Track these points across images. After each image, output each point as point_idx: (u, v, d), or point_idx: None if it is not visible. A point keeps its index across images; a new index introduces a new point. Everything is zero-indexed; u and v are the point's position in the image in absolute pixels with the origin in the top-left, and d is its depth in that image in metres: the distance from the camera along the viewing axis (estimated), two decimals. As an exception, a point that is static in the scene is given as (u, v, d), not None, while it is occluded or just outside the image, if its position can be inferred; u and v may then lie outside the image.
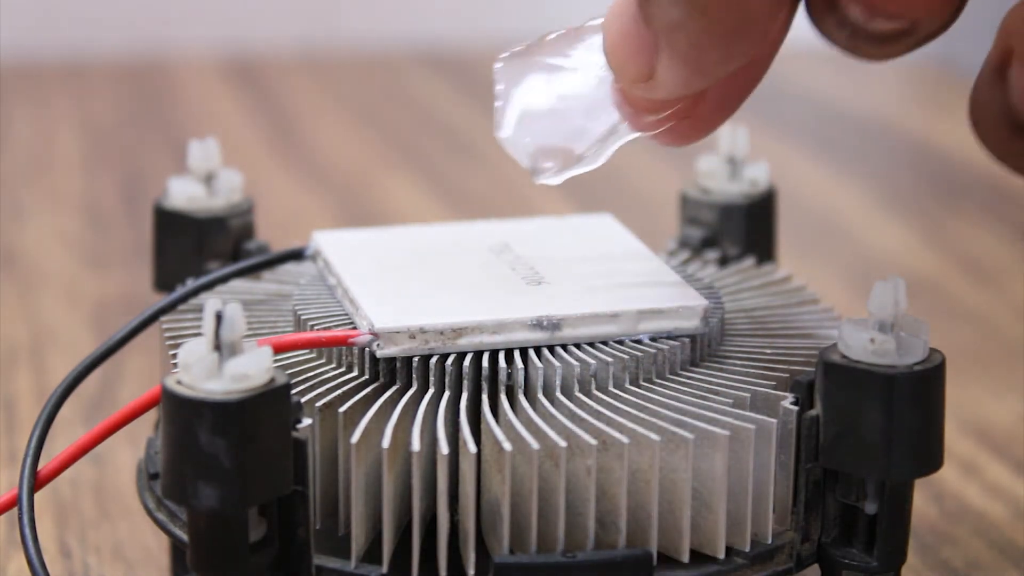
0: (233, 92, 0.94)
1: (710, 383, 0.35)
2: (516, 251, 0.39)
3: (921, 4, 0.30)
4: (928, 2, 0.30)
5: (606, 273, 0.37)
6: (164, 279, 0.41)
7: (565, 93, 0.33)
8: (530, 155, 0.33)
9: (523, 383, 0.34)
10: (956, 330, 0.58)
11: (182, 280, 0.40)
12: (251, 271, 0.40)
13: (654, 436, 0.32)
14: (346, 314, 0.36)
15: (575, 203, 0.70)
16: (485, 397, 0.34)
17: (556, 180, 0.33)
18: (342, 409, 0.33)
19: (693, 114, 0.33)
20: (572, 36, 0.33)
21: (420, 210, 0.73)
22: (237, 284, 0.39)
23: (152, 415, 0.40)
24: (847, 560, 0.34)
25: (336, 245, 0.39)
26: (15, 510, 0.34)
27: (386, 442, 0.32)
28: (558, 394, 0.34)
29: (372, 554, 0.33)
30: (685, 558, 0.33)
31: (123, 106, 0.91)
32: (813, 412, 0.34)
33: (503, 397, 0.34)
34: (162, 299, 0.39)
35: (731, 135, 0.43)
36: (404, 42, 1.04)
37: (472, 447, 0.32)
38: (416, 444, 0.32)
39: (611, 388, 0.34)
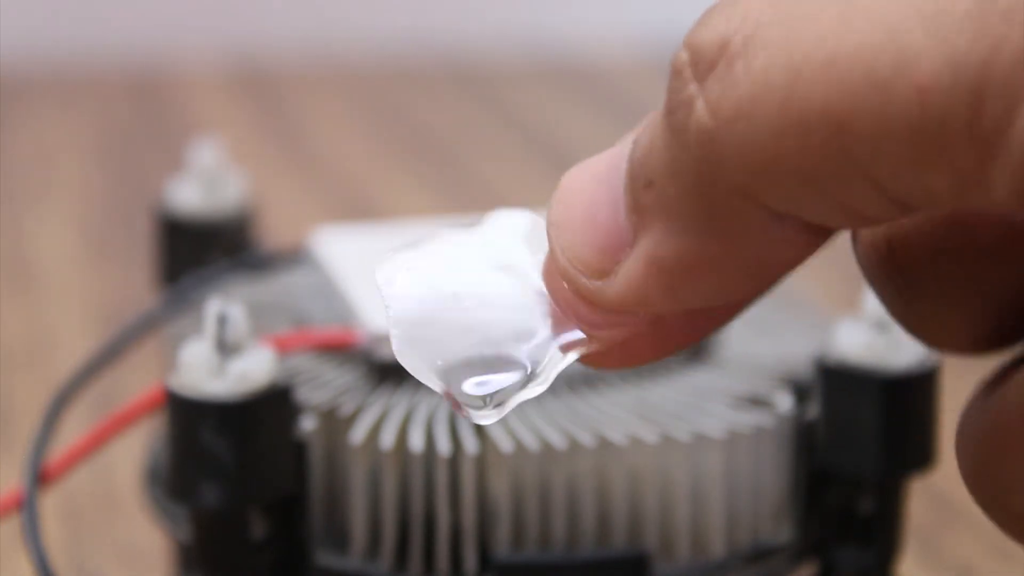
0: (233, 93, 0.95)
1: (708, 383, 0.35)
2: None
3: None
4: None
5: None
6: (166, 279, 0.42)
7: (476, 296, 0.24)
8: (447, 378, 0.24)
9: (523, 383, 0.34)
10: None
11: (184, 281, 0.40)
12: (252, 271, 0.40)
13: (652, 437, 0.33)
14: (347, 314, 0.36)
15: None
16: (485, 397, 0.34)
17: (497, 415, 0.24)
18: (343, 410, 0.33)
19: (650, 333, 0.24)
20: (473, 233, 0.25)
21: (422, 212, 0.73)
22: (238, 285, 0.39)
23: (154, 415, 0.40)
24: (844, 559, 0.34)
25: (337, 244, 0.39)
26: (17, 511, 0.34)
27: (386, 443, 0.32)
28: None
29: (373, 553, 0.33)
30: (683, 558, 0.33)
31: (125, 107, 0.91)
32: (810, 412, 0.34)
33: (503, 397, 0.34)
34: (164, 299, 0.39)
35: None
36: (406, 45, 1.04)
37: (472, 447, 0.32)
38: (416, 445, 0.32)
39: (609, 388, 0.34)
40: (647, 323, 0.24)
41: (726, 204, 0.21)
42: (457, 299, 0.24)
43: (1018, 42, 0.19)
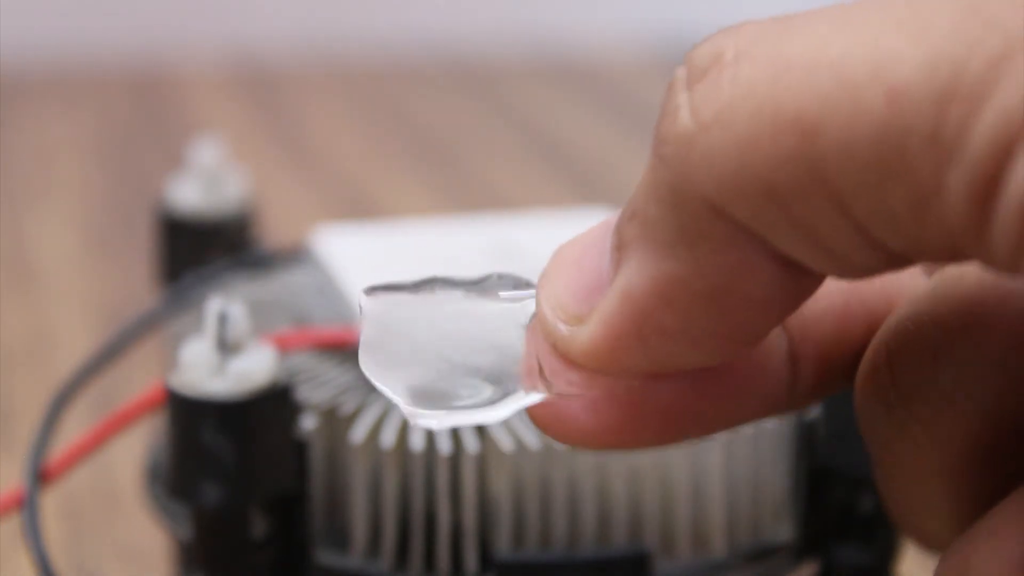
0: (233, 92, 0.95)
1: (710, 382, 0.35)
2: (517, 248, 0.39)
3: None
4: None
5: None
6: (166, 278, 0.42)
7: (455, 334, 0.24)
8: (408, 394, 0.24)
9: (523, 382, 0.34)
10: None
11: (184, 280, 0.40)
12: (253, 270, 0.40)
13: (654, 435, 0.33)
14: (348, 313, 0.36)
15: (575, 196, 0.70)
16: (486, 396, 0.34)
17: (438, 424, 0.24)
18: (344, 409, 0.33)
19: (629, 414, 0.24)
20: (466, 284, 0.25)
21: (422, 211, 0.73)
22: (239, 283, 0.39)
23: (154, 414, 0.40)
24: (845, 558, 0.34)
25: (338, 242, 0.39)
26: (17, 510, 0.34)
27: (387, 442, 0.32)
28: (558, 393, 0.34)
29: (373, 552, 0.33)
30: (684, 557, 0.33)
31: (125, 107, 0.91)
32: (811, 411, 0.34)
33: (504, 396, 0.34)
34: (164, 299, 0.39)
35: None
36: (406, 44, 1.04)
37: (473, 446, 0.32)
38: (417, 444, 0.32)
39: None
40: (618, 387, 0.23)
41: (696, 218, 0.21)
42: (434, 333, 0.24)
43: (994, 45, 0.19)
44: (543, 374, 0.24)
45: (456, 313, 0.24)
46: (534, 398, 0.24)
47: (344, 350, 0.35)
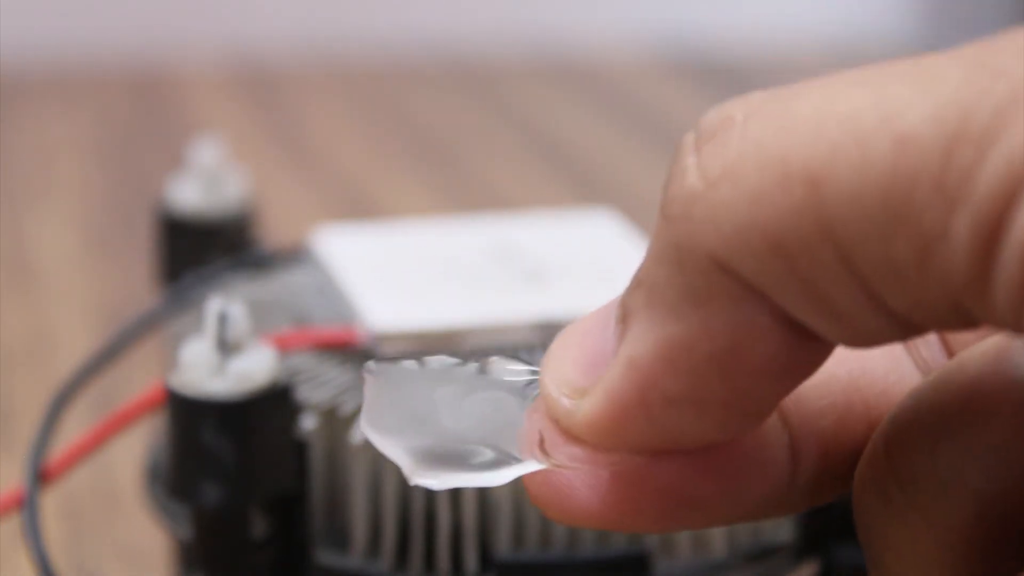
0: (233, 92, 0.95)
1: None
2: (518, 248, 0.39)
3: None
4: None
5: (607, 271, 0.37)
6: (166, 278, 0.42)
7: (457, 408, 0.24)
8: (407, 454, 0.24)
9: (524, 382, 0.34)
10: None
11: (184, 280, 0.40)
12: (253, 270, 0.40)
13: (654, 435, 0.33)
14: (348, 313, 0.36)
15: (575, 196, 0.70)
16: (486, 396, 0.34)
17: (437, 484, 0.24)
18: (344, 409, 0.33)
19: (633, 494, 0.23)
20: (468, 363, 0.25)
21: (423, 211, 0.73)
22: (239, 283, 0.39)
23: (154, 414, 0.40)
24: (845, 558, 0.34)
25: (338, 243, 0.39)
26: (17, 510, 0.34)
27: (387, 441, 0.32)
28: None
29: (373, 552, 0.33)
30: (683, 556, 0.33)
31: (125, 107, 0.91)
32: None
33: (504, 396, 0.34)
34: (164, 299, 0.39)
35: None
36: (406, 44, 1.04)
37: (473, 446, 0.32)
38: (417, 443, 0.32)
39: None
40: (620, 463, 0.23)
41: (702, 276, 0.21)
42: (436, 404, 0.24)
43: (1001, 92, 0.19)
44: (544, 448, 0.23)
45: (459, 389, 0.24)
46: (535, 466, 0.24)
47: (344, 350, 0.35)
